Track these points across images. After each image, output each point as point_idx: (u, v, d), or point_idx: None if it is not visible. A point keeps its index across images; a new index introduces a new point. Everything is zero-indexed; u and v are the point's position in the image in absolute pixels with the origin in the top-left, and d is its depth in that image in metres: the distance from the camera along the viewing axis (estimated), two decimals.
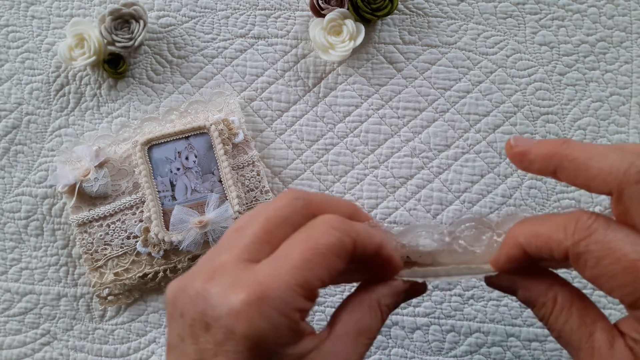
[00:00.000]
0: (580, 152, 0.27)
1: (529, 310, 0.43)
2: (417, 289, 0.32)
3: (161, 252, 0.53)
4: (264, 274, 0.25)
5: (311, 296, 0.25)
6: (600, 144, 0.32)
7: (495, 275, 0.31)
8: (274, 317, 0.24)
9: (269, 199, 0.54)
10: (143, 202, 0.53)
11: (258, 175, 0.54)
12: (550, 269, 0.31)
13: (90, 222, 0.53)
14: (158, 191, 0.53)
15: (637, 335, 0.26)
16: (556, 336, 0.29)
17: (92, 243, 0.53)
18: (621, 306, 0.52)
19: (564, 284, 0.30)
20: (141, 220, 0.53)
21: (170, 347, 0.27)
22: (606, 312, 0.49)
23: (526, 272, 0.30)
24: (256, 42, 0.57)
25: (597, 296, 0.53)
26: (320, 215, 0.28)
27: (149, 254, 0.53)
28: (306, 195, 0.29)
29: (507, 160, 0.56)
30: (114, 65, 0.55)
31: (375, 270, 0.30)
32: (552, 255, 0.27)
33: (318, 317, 0.55)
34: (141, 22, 0.54)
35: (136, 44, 0.54)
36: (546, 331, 0.54)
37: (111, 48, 0.54)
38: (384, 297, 0.29)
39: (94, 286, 0.54)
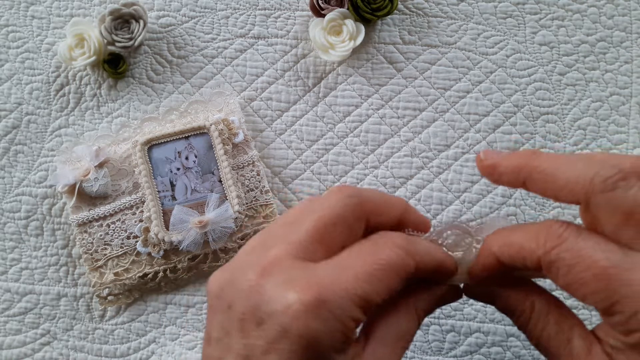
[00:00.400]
0: (548, 162, 0.27)
1: None
2: (453, 294, 0.32)
3: (161, 252, 0.53)
4: (325, 276, 0.25)
5: (367, 309, 0.25)
6: (569, 153, 0.32)
7: (473, 285, 0.32)
8: (330, 321, 0.24)
9: (269, 199, 0.54)
10: (143, 202, 0.53)
11: (258, 175, 0.54)
12: (528, 278, 0.32)
13: (90, 222, 0.53)
14: (158, 191, 0.53)
15: (613, 341, 0.26)
16: (535, 343, 0.29)
17: (92, 243, 0.53)
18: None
19: (541, 292, 0.30)
20: (141, 220, 0.53)
21: (212, 340, 0.26)
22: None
23: (503, 281, 0.30)
24: (256, 42, 0.57)
25: (572, 301, 0.53)
26: (372, 214, 0.28)
27: (149, 254, 0.53)
28: (359, 193, 0.29)
29: None
30: (114, 65, 0.55)
31: (425, 281, 0.30)
32: (525, 265, 0.27)
33: None
34: (141, 22, 0.54)
35: (136, 44, 0.54)
36: None
37: (111, 48, 0.54)
38: (421, 302, 0.30)
39: (94, 286, 0.54)
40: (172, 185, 0.53)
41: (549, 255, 0.26)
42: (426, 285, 0.31)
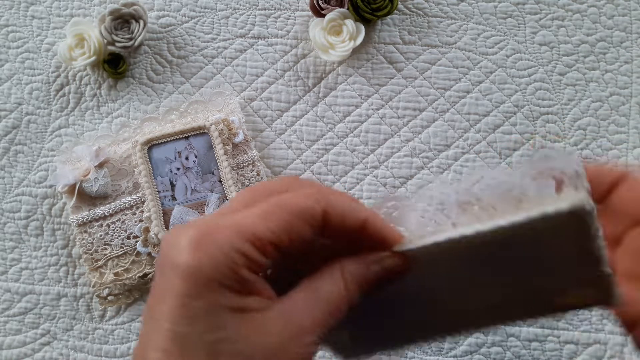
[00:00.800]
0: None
1: None
2: (396, 263, 0.28)
3: None
4: (220, 218, 0.24)
5: (262, 248, 0.24)
6: None
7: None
8: (213, 252, 0.23)
9: None
10: (143, 202, 0.53)
11: (258, 175, 0.54)
12: None
13: (90, 222, 0.53)
14: (158, 191, 0.53)
15: None
16: None
17: (92, 243, 0.53)
18: None
19: None
20: (141, 220, 0.53)
21: None
22: None
23: None
24: (256, 42, 0.57)
25: None
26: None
27: (149, 254, 0.53)
28: (309, 183, 0.28)
29: (507, 160, 0.56)
30: (114, 65, 0.55)
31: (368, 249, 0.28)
32: None
33: None
34: (141, 22, 0.54)
35: (136, 44, 0.54)
36: (546, 331, 0.54)
37: (111, 48, 0.54)
38: (351, 266, 0.26)
39: (94, 286, 0.54)
40: (172, 185, 0.53)
41: None
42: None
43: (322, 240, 0.26)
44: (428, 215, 0.29)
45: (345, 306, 0.25)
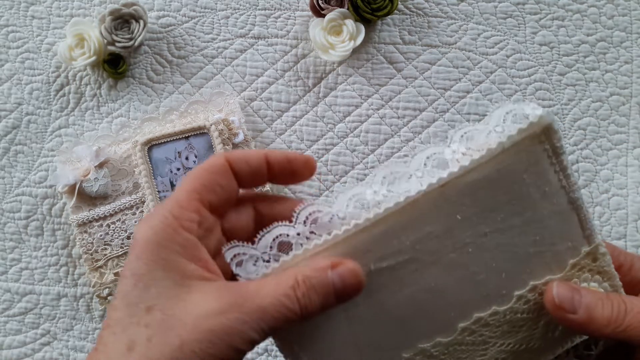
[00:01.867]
0: None
1: None
2: (351, 274, 0.28)
3: None
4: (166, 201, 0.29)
5: (189, 206, 0.28)
6: None
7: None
8: (153, 222, 0.27)
9: None
10: (143, 202, 0.53)
11: None
12: None
13: (90, 222, 0.53)
14: (158, 191, 0.53)
15: None
16: None
17: (92, 243, 0.53)
18: None
19: None
20: None
21: None
22: None
23: None
24: (256, 42, 0.57)
25: None
26: (237, 168, 0.30)
27: None
28: (216, 159, 0.31)
29: None
30: (114, 65, 0.55)
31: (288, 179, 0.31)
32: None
33: None
34: (141, 22, 0.54)
35: (136, 44, 0.54)
36: None
37: (111, 48, 0.54)
38: (305, 270, 0.27)
39: (94, 286, 0.54)
40: (172, 186, 0.53)
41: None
42: None
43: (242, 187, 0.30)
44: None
45: (297, 312, 0.26)
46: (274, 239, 0.29)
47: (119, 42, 0.54)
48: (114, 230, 0.53)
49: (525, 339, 0.32)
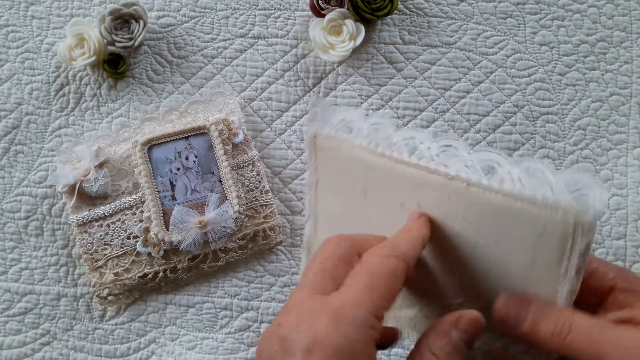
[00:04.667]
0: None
1: None
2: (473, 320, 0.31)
3: (161, 252, 0.53)
4: (337, 300, 0.28)
5: (379, 315, 0.28)
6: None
7: None
8: (350, 333, 0.27)
9: (269, 199, 0.54)
10: (143, 202, 0.53)
11: (258, 175, 0.54)
12: None
13: (90, 222, 0.53)
14: (158, 191, 0.53)
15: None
16: None
17: (92, 243, 0.53)
18: None
19: None
20: (141, 220, 0.53)
21: None
22: None
23: None
24: (256, 42, 0.57)
25: None
26: (363, 249, 0.31)
27: (149, 254, 0.53)
28: (348, 237, 0.32)
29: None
30: (114, 65, 0.55)
31: None
32: None
33: None
34: (141, 22, 0.54)
35: (136, 44, 0.54)
36: None
37: (111, 48, 0.54)
38: (433, 340, 0.30)
39: (94, 286, 0.54)
40: (172, 186, 0.53)
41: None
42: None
43: None
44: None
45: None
46: (340, 121, 0.35)
47: (119, 42, 0.54)
48: (114, 230, 0.53)
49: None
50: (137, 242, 0.53)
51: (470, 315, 0.30)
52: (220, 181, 0.53)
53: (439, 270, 0.34)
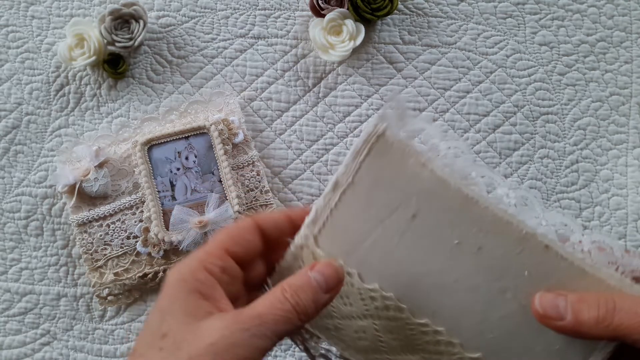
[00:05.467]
0: None
1: None
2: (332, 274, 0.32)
3: (161, 252, 0.53)
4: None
5: (217, 255, 0.32)
6: None
7: None
8: (181, 267, 0.31)
9: (269, 199, 0.54)
10: (143, 202, 0.53)
11: (258, 175, 0.54)
12: None
13: (90, 222, 0.53)
14: (158, 191, 0.53)
15: None
16: None
17: (92, 243, 0.53)
18: None
19: None
20: (141, 220, 0.53)
21: None
22: None
23: None
24: (256, 42, 0.57)
25: None
26: (264, 227, 0.34)
27: (149, 254, 0.53)
28: (244, 222, 0.34)
29: (507, 160, 0.56)
30: (114, 65, 0.55)
31: None
32: None
33: None
34: (141, 22, 0.54)
35: (136, 44, 0.54)
36: None
37: (111, 48, 0.54)
38: (290, 278, 0.31)
39: (94, 286, 0.54)
40: (172, 185, 0.53)
41: None
42: None
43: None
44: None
45: (290, 310, 0.30)
46: (416, 129, 0.31)
47: (119, 42, 0.54)
48: (113, 230, 0.53)
49: None
50: (137, 242, 0.53)
51: (327, 261, 0.32)
52: (220, 181, 0.53)
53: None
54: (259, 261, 0.35)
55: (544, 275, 0.30)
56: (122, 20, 0.54)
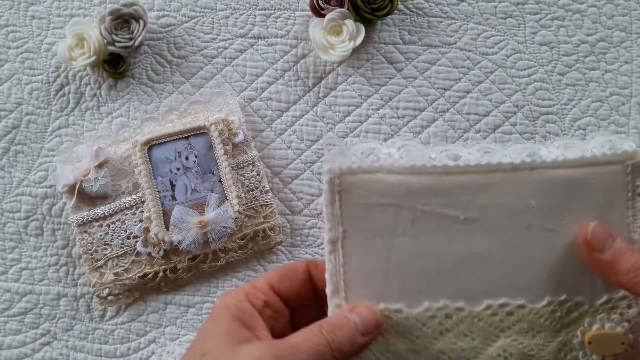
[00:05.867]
0: None
1: None
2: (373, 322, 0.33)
3: (161, 252, 0.53)
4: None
5: (262, 289, 0.34)
6: None
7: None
8: (227, 297, 0.34)
9: (269, 199, 0.54)
10: (143, 202, 0.53)
11: (258, 175, 0.54)
12: None
13: (90, 222, 0.53)
14: (158, 191, 0.53)
15: None
16: None
17: (92, 243, 0.53)
18: None
19: None
20: (141, 220, 0.53)
21: None
22: None
23: None
24: (256, 42, 0.57)
25: None
26: (278, 285, 0.36)
27: (149, 254, 0.53)
28: (253, 283, 0.37)
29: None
30: (114, 65, 0.55)
31: None
32: None
33: None
34: (141, 22, 0.54)
35: (136, 44, 0.54)
36: None
37: (111, 48, 0.54)
38: (328, 321, 0.33)
39: (94, 286, 0.54)
40: (172, 185, 0.53)
41: None
42: None
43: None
44: None
45: (324, 344, 0.31)
46: (363, 151, 0.33)
47: (119, 42, 0.54)
48: (114, 230, 0.53)
49: (538, 346, 0.33)
50: (137, 242, 0.53)
51: (368, 304, 0.33)
52: (220, 181, 0.53)
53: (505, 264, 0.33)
54: (312, 305, 0.36)
55: (547, 193, 0.31)
56: (122, 20, 0.54)
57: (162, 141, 0.53)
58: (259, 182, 0.54)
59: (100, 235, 0.53)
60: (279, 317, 0.35)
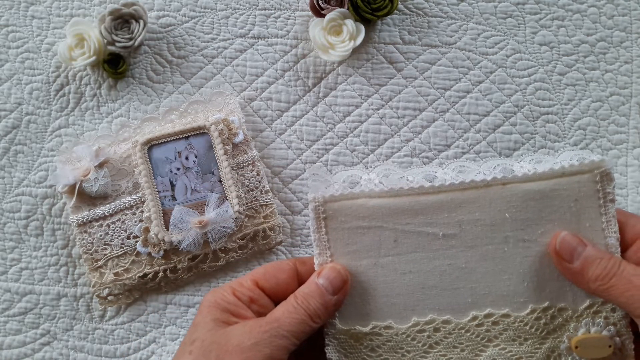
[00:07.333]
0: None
1: None
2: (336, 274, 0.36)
3: (161, 252, 0.53)
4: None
5: (247, 285, 0.36)
6: None
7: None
8: (216, 291, 0.36)
9: (269, 199, 0.54)
10: (143, 202, 0.53)
11: (258, 175, 0.54)
12: None
13: (90, 222, 0.53)
14: (158, 191, 0.53)
15: None
16: None
17: (92, 243, 0.53)
18: None
19: None
20: (141, 220, 0.53)
21: None
22: None
23: None
24: (256, 42, 0.57)
25: None
26: (265, 283, 0.38)
27: (149, 254, 0.53)
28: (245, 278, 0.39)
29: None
30: (114, 65, 0.55)
31: None
32: None
33: None
34: (141, 22, 0.54)
35: (136, 44, 0.54)
36: None
37: (111, 48, 0.54)
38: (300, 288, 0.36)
39: (94, 286, 0.54)
40: (172, 185, 0.53)
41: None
42: None
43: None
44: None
45: (303, 313, 0.34)
46: (344, 179, 0.36)
47: (119, 42, 0.54)
48: (113, 230, 0.53)
49: (527, 353, 0.34)
50: (137, 242, 0.53)
51: (332, 265, 0.35)
52: (220, 181, 0.53)
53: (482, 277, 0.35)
54: None
55: (520, 206, 0.33)
56: (122, 20, 0.54)
57: (162, 141, 0.53)
58: (259, 182, 0.54)
59: (100, 235, 0.53)
60: (266, 311, 0.36)
